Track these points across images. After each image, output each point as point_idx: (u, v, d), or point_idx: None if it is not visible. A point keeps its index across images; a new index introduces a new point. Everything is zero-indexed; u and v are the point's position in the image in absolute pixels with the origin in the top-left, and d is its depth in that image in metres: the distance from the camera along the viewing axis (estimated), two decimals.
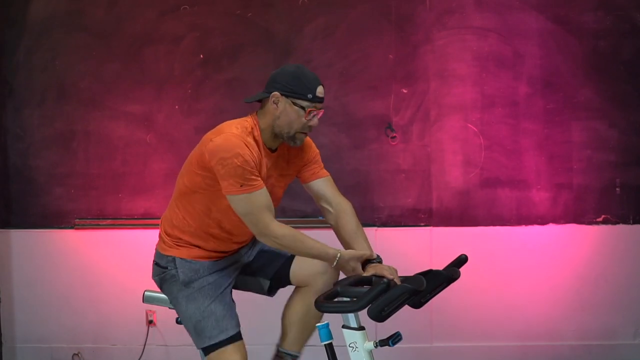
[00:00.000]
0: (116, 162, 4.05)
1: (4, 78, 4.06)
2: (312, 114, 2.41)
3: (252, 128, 2.42)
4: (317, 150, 2.66)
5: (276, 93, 2.40)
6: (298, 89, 2.38)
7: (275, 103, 2.41)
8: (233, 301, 2.59)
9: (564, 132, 4.02)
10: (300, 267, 2.60)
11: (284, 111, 2.40)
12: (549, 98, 4.01)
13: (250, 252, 2.69)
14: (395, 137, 4.03)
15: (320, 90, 2.41)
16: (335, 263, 2.39)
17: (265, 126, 2.43)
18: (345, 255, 2.40)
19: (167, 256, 2.55)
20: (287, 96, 2.39)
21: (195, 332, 2.49)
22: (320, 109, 2.44)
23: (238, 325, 2.53)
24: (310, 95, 2.38)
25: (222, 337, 2.46)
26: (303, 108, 2.39)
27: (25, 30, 4.05)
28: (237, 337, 2.50)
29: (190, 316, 2.49)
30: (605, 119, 4.01)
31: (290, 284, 2.64)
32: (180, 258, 2.52)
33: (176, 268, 2.52)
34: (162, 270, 2.56)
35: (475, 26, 4.00)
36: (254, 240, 2.67)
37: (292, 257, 2.62)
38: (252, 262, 2.68)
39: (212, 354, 2.47)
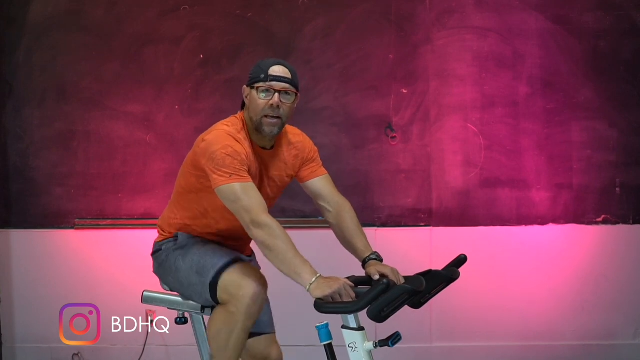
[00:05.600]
0: (116, 162, 4.05)
1: (4, 78, 4.06)
2: (264, 91, 2.37)
3: (241, 127, 2.44)
4: (315, 148, 2.65)
5: (244, 87, 2.47)
6: (254, 73, 2.42)
7: (246, 97, 2.45)
8: None
9: (564, 132, 4.02)
10: (257, 341, 2.57)
11: (251, 100, 2.42)
12: (549, 98, 4.01)
13: None
14: (395, 137, 4.03)
15: (275, 69, 2.39)
16: (313, 280, 2.15)
17: (248, 121, 2.45)
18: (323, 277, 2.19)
19: (166, 237, 2.55)
20: (249, 85, 2.44)
21: (198, 274, 2.39)
22: (280, 89, 2.38)
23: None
24: (262, 75, 2.38)
25: (226, 259, 2.37)
26: (259, 89, 2.39)
27: (25, 30, 4.04)
28: (242, 259, 2.43)
29: (190, 266, 2.42)
30: (605, 119, 4.01)
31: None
32: (181, 232, 2.52)
33: (176, 238, 2.51)
34: (159, 250, 2.54)
35: (475, 26, 4.00)
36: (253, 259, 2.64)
37: (265, 332, 2.60)
38: None
39: (222, 279, 2.34)
